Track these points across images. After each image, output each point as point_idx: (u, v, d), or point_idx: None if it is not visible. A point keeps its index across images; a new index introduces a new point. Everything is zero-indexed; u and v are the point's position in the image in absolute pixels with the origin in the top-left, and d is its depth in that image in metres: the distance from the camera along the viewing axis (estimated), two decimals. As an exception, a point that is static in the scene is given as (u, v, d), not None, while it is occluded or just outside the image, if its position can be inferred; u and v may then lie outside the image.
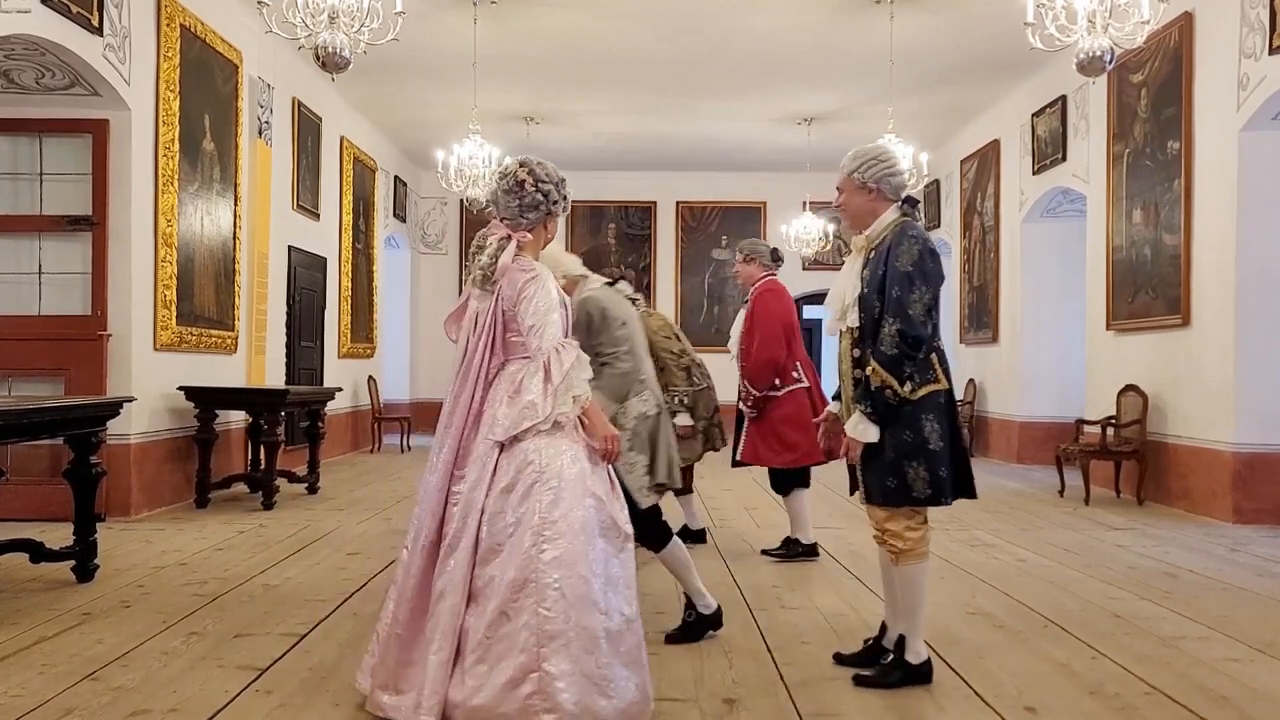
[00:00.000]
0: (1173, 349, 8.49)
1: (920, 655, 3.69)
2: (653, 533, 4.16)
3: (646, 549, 4.15)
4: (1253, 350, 7.62)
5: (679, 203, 16.79)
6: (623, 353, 4.09)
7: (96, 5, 6.77)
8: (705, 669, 3.87)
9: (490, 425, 3.25)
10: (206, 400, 7.96)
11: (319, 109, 11.38)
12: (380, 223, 14.13)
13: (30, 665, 3.85)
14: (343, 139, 12.28)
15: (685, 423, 6.04)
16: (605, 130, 13.70)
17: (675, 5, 9.12)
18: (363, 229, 13.23)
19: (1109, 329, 9.58)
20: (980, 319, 13.23)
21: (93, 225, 7.29)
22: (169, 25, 7.73)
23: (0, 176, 7.41)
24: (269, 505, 7.95)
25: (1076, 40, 6.29)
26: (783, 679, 3.77)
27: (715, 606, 4.31)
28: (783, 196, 16.07)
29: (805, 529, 6.13)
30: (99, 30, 6.83)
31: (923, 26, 9.41)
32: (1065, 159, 10.71)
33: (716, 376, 6.46)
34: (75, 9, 6.50)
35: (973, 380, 13.34)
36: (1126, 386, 9.02)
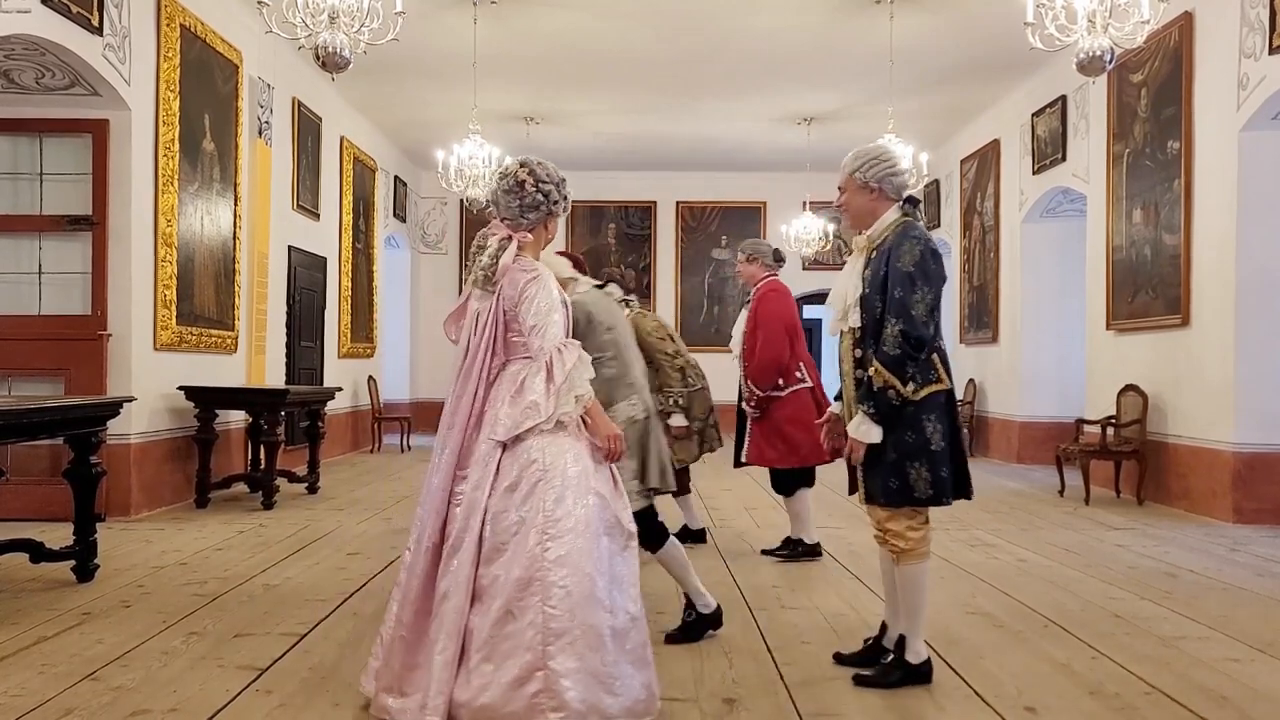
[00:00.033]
0: (1173, 349, 8.49)
1: (920, 655, 3.70)
2: (648, 534, 4.16)
3: (644, 550, 4.15)
4: (1253, 350, 7.62)
5: (679, 203, 16.80)
6: (607, 358, 4.08)
7: (96, 5, 6.77)
8: (705, 669, 3.87)
9: (492, 425, 3.24)
10: (206, 400, 7.97)
11: (319, 109, 11.38)
12: (380, 223, 14.13)
13: (30, 665, 3.85)
14: (343, 139, 12.28)
15: (680, 424, 6.05)
16: (605, 130, 13.70)
17: (675, 5, 9.12)
18: (363, 229, 13.23)
19: (1109, 329, 9.59)
20: (980, 319, 13.23)
21: (93, 225, 7.29)
22: (169, 25, 7.73)
23: (0, 176, 7.41)
24: (269, 505, 7.96)
25: (1076, 40, 6.29)
26: (783, 679, 3.77)
27: (715, 606, 4.32)
28: (783, 196, 16.07)
29: (809, 529, 6.13)
30: (99, 30, 6.84)
31: (923, 26, 9.41)
32: (1065, 159, 10.71)
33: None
34: (75, 9, 6.50)
35: (973, 380, 13.34)
36: (1126, 386, 9.02)
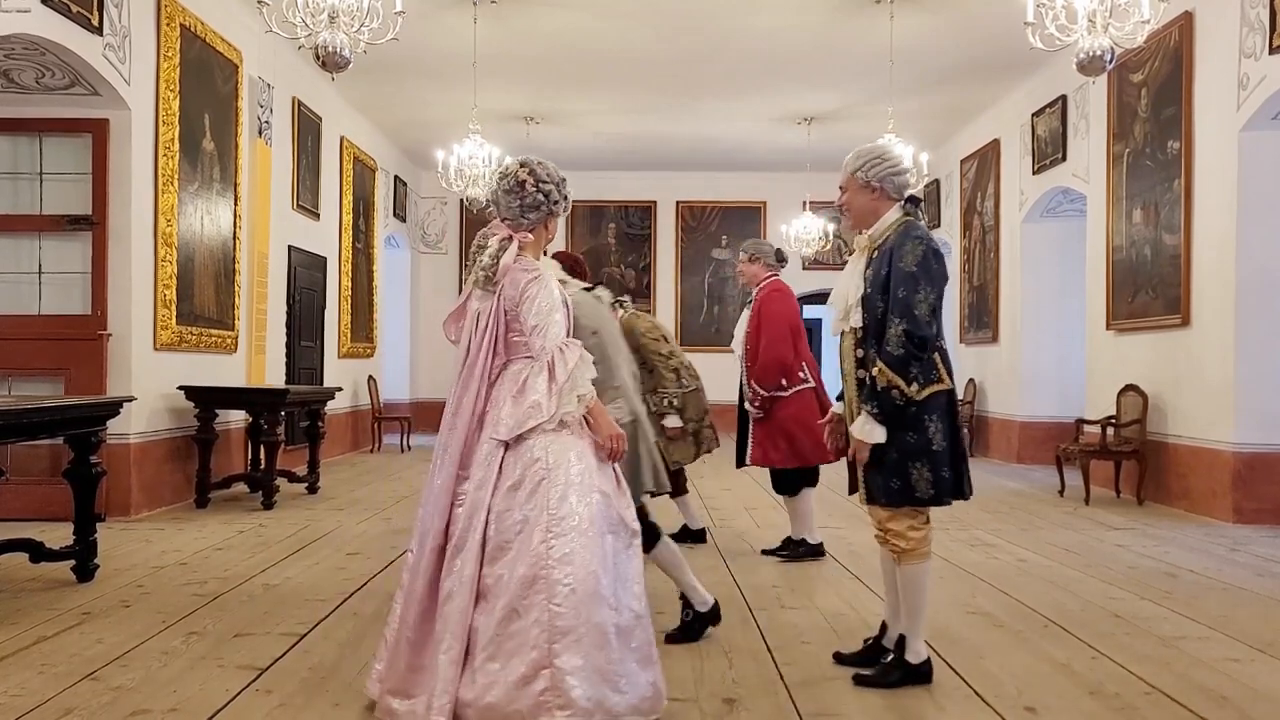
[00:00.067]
0: (1173, 349, 8.49)
1: (920, 655, 3.69)
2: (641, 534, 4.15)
3: None
4: (1253, 350, 7.62)
5: (679, 203, 16.80)
6: (592, 362, 4.07)
7: (96, 5, 6.77)
8: (705, 669, 3.87)
9: (494, 425, 3.24)
10: (206, 400, 7.96)
11: (319, 109, 11.38)
12: (380, 222, 14.13)
13: (30, 665, 3.85)
14: (343, 139, 12.28)
15: (675, 424, 6.05)
16: (605, 130, 13.70)
17: (675, 5, 9.12)
18: (363, 229, 13.23)
19: (1109, 329, 9.58)
20: (980, 319, 13.23)
21: (93, 225, 7.29)
22: (169, 25, 7.73)
23: (0, 176, 7.41)
24: (269, 505, 7.96)
25: (1076, 40, 6.29)
26: (783, 679, 3.77)
27: (712, 602, 4.31)
28: (783, 196, 16.07)
29: (812, 529, 6.13)
30: (99, 30, 6.84)
31: (923, 26, 9.41)
32: (1065, 159, 10.71)
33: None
34: (75, 9, 6.50)
35: (973, 380, 13.34)
36: (1126, 386, 9.02)
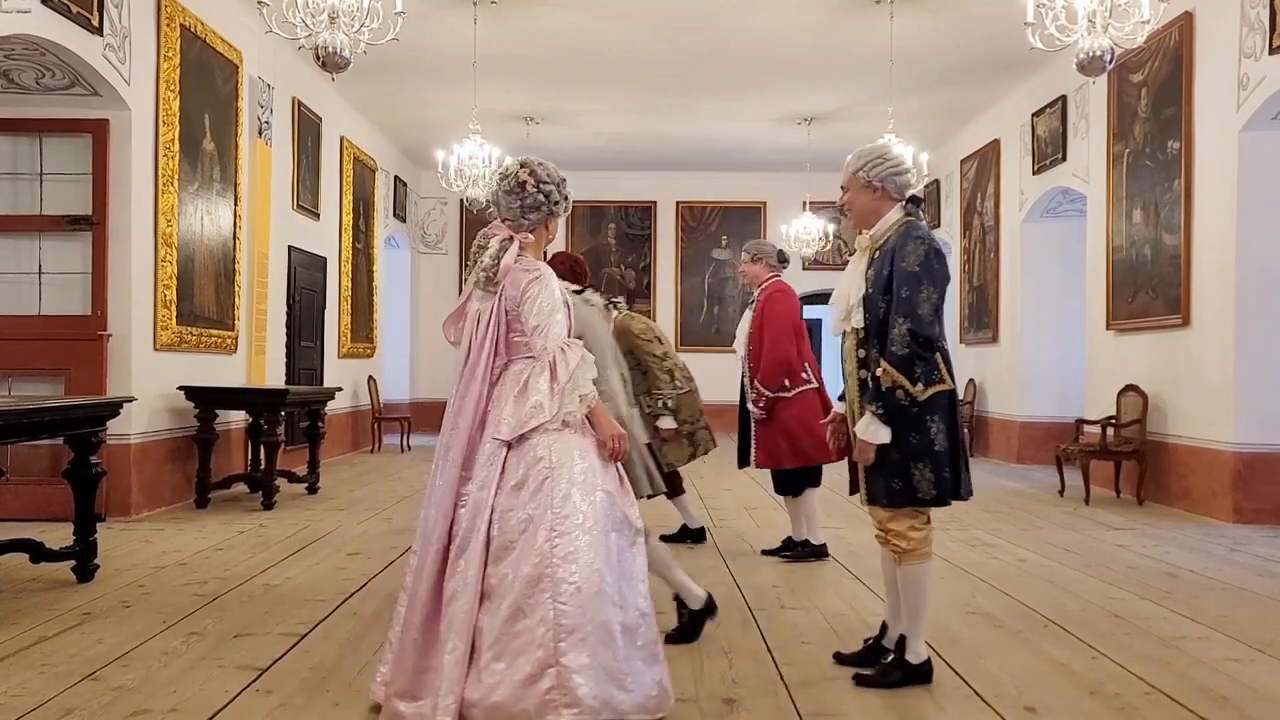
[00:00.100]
0: (1173, 349, 8.49)
1: (920, 655, 3.69)
2: None
3: None
4: (1253, 350, 7.62)
5: (679, 203, 16.80)
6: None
7: (96, 5, 6.77)
8: (705, 669, 3.86)
9: (496, 425, 3.24)
10: (206, 400, 7.96)
11: (319, 109, 11.38)
12: (380, 223, 14.13)
13: (30, 665, 3.85)
14: (343, 139, 12.28)
15: (668, 426, 6.06)
16: (605, 130, 13.70)
17: (675, 5, 9.12)
18: (363, 229, 13.23)
19: (1109, 329, 9.58)
20: (980, 319, 13.23)
21: (93, 225, 7.29)
22: (169, 25, 7.73)
23: (0, 176, 7.41)
24: (269, 505, 7.95)
25: (1076, 40, 6.29)
26: (783, 679, 3.77)
27: (705, 597, 4.23)
28: (783, 196, 16.07)
29: (815, 530, 6.12)
30: (99, 30, 6.83)
31: (923, 26, 9.41)
32: (1065, 159, 10.71)
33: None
34: (75, 9, 6.50)
35: (973, 380, 13.34)
36: (1126, 386, 9.02)
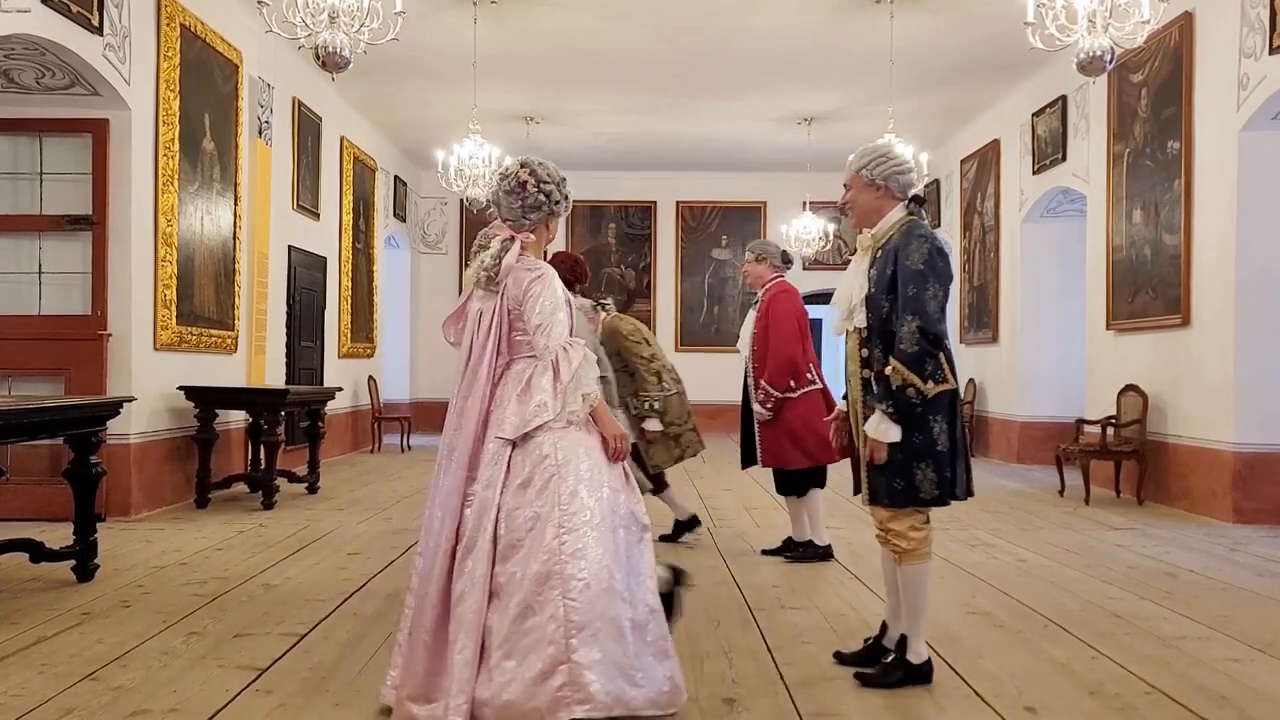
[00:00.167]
0: (1173, 349, 8.49)
1: (921, 655, 3.69)
2: None
3: None
4: (1253, 350, 7.62)
5: (679, 203, 16.80)
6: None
7: (96, 5, 6.77)
8: (705, 669, 3.86)
9: (499, 424, 3.24)
10: (206, 400, 7.96)
11: (319, 109, 11.38)
12: (380, 223, 14.13)
13: (30, 665, 3.85)
14: (343, 139, 12.28)
15: (654, 428, 6.07)
16: (605, 130, 13.70)
17: (675, 5, 9.12)
18: (363, 229, 13.23)
19: (1109, 329, 9.58)
20: (980, 319, 13.23)
21: (93, 225, 7.29)
22: (169, 25, 7.73)
23: (0, 176, 7.41)
24: (269, 505, 7.95)
25: (1076, 40, 6.29)
26: (783, 679, 3.77)
27: (669, 574, 3.88)
28: (783, 196, 16.07)
29: (820, 531, 6.11)
30: (99, 30, 6.83)
31: (923, 26, 9.41)
32: (1065, 159, 10.71)
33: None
34: (75, 9, 6.50)
35: (973, 380, 13.33)
36: (1126, 386, 9.02)
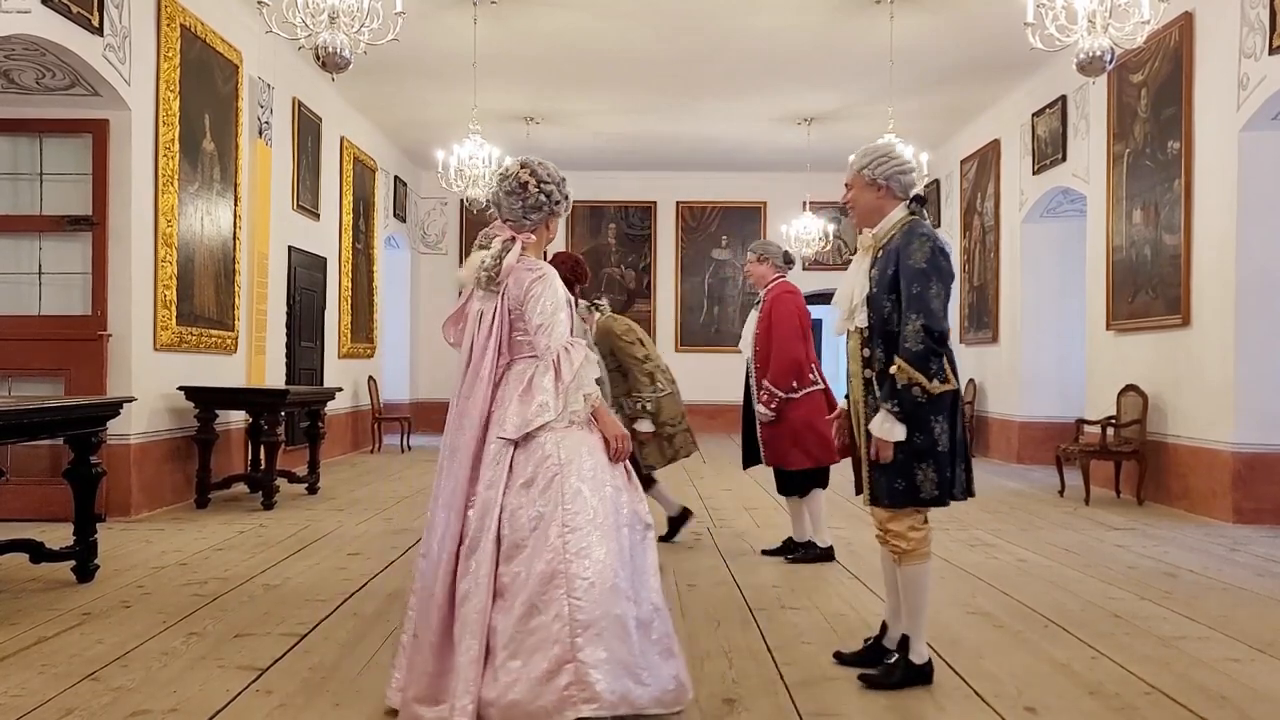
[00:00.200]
0: (1173, 349, 8.49)
1: (923, 656, 3.69)
2: None
3: None
4: (1253, 350, 7.62)
5: (679, 203, 16.80)
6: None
7: (96, 5, 6.77)
8: (705, 669, 3.86)
9: (500, 424, 3.24)
10: (206, 400, 7.96)
11: (319, 109, 11.38)
12: (380, 223, 14.13)
13: (30, 665, 3.85)
14: (343, 139, 12.28)
15: (645, 429, 6.07)
16: (605, 130, 13.70)
17: (675, 5, 9.12)
18: (363, 229, 13.23)
19: (1109, 329, 9.58)
20: (980, 319, 13.23)
21: (93, 225, 7.29)
22: (169, 25, 7.73)
23: (0, 176, 7.41)
24: (269, 505, 7.95)
25: (1076, 40, 6.29)
26: (783, 679, 3.77)
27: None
28: (783, 196, 16.06)
29: (822, 531, 6.11)
30: (99, 30, 6.83)
31: (923, 26, 9.41)
32: (1065, 159, 10.71)
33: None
34: (75, 9, 6.50)
35: (973, 380, 13.33)
36: (1126, 386, 9.02)
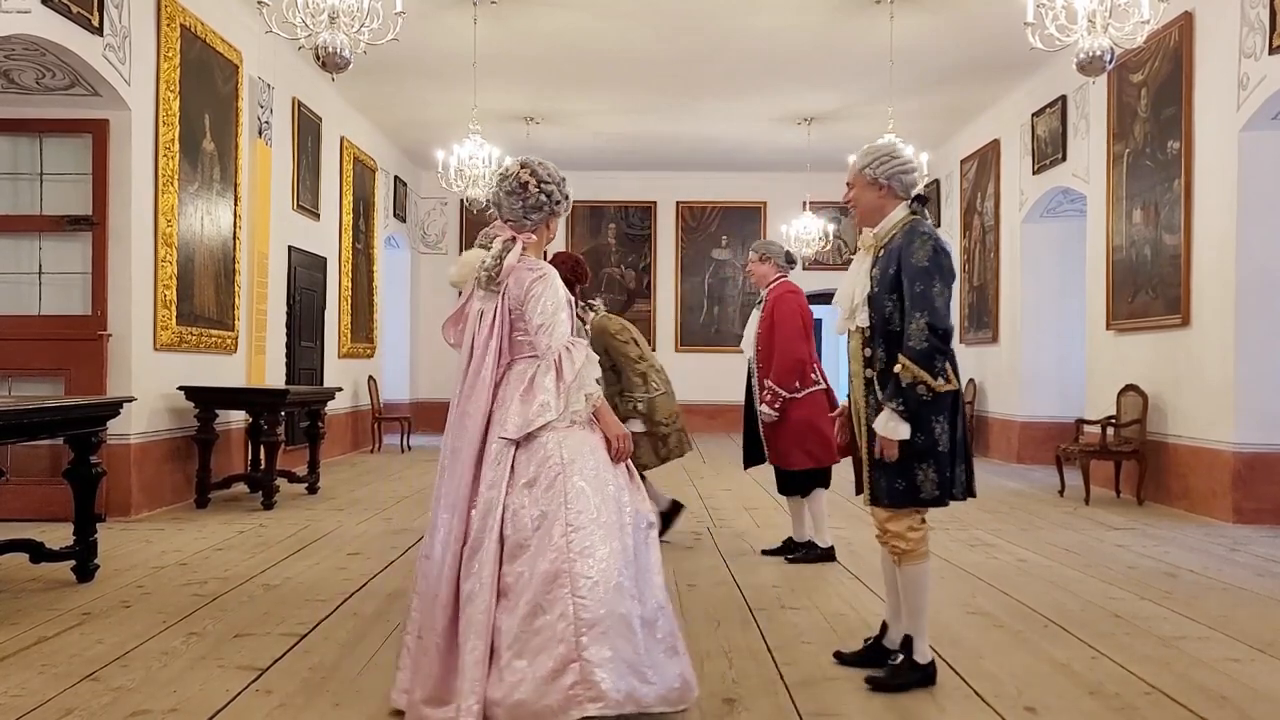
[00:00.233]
0: (1173, 349, 8.49)
1: (926, 656, 3.69)
2: None
3: None
4: (1253, 350, 7.62)
5: (679, 203, 16.80)
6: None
7: (96, 5, 6.77)
8: (705, 669, 3.86)
9: (501, 424, 3.24)
10: (206, 400, 7.96)
11: (319, 109, 11.38)
12: (380, 223, 14.13)
13: (30, 665, 3.85)
14: (343, 139, 12.28)
15: (636, 429, 6.05)
16: (605, 130, 13.70)
17: (675, 5, 9.12)
18: (363, 229, 13.23)
19: (1109, 329, 9.58)
20: (980, 319, 13.23)
21: (93, 225, 7.29)
22: (169, 25, 7.73)
23: (0, 176, 7.41)
24: (269, 505, 7.95)
25: (1076, 40, 6.29)
26: (783, 679, 3.77)
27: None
28: (783, 196, 16.07)
29: (824, 531, 6.11)
30: (99, 30, 6.83)
31: (923, 26, 9.41)
32: (1065, 159, 10.71)
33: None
34: (75, 9, 6.50)
35: (973, 380, 13.32)
36: (1126, 386, 9.02)
